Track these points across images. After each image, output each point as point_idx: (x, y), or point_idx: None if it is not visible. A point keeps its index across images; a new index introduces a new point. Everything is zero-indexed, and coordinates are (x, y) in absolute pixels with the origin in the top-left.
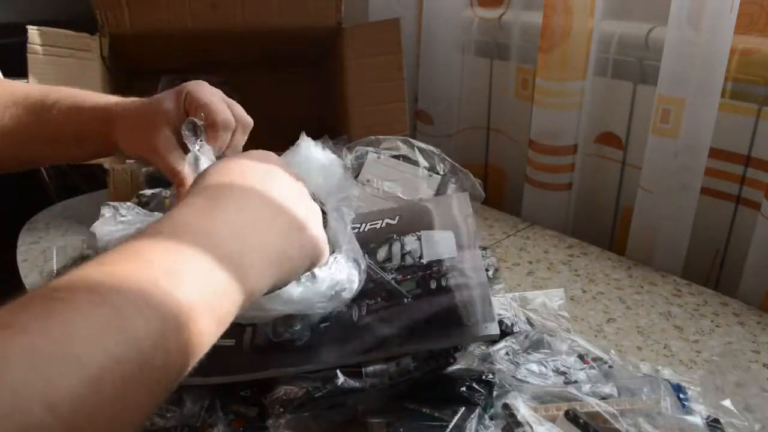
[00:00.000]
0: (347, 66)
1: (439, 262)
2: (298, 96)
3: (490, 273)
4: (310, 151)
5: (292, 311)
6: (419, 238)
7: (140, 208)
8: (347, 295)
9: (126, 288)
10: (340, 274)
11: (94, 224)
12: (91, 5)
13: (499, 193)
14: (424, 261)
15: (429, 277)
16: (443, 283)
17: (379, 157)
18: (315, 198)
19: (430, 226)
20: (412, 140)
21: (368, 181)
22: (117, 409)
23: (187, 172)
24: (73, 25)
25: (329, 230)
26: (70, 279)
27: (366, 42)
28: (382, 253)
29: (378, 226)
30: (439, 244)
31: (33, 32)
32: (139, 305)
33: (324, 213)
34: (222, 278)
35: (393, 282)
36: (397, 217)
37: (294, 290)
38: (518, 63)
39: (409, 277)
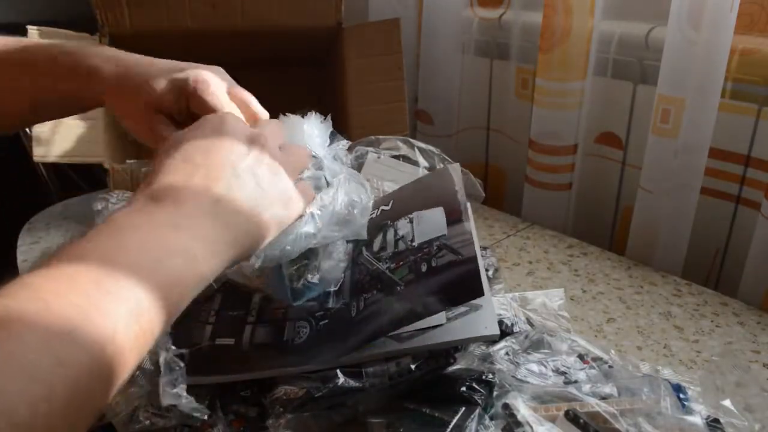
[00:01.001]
0: (347, 66)
1: (430, 242)
2: (298, 96)
3: (490, 273)
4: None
5: (313, 245)
6: (411, 221)
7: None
8: (360, 212)
9: (61, 309)
10: (347, 195)
11: (95, 222)
12: (91, 5)
13: (499, 193)
14: (416, 243)
15: (420, 260)
16: (433, 264)
17: (379, 157)
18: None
19: (422, 205)
20: (412, 140)
21: (368, 181)
22: (70, 416)
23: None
24: (73, 25)
25: (326, 170)
26: (17, 296)
27: (366, 42)
28: (377, 243)
29: (374, 215)
30: (429, 223)
31: (33, 32)
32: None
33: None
34: (155, 293)
35: (387, 271)
36: (391, 202)
37: (307, 227)
38: (518, 63)
39: (402, 263)
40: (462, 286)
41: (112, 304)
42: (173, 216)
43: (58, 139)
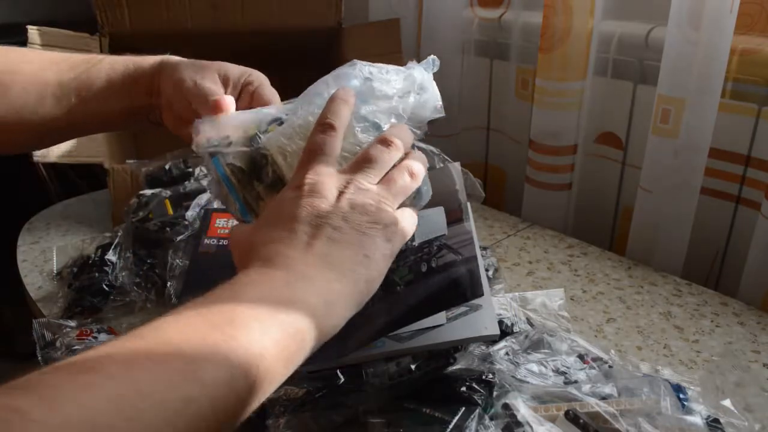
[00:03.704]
0: None
1: (430, 242)
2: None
3: (490, 273)
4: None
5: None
6: None
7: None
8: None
9: (197, 338)
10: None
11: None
12: (91, 5)
13: (499, 193)
14: (416, 243)
15: (420, 260)
16: (433, 265)
17: None
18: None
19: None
20: None
21: None
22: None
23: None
24: (73, 25)
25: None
26: (155, 326)
27: (366, 42)
28: None
29: None
30: (429, 222)
31: (33, 32)
32: (211, 353)
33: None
34: (291, 331)
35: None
36: None
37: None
38: (518, 63)
39: (401, 263)
40: (462, 286)
41: (242, 337)
42: (285, 276)
43: None
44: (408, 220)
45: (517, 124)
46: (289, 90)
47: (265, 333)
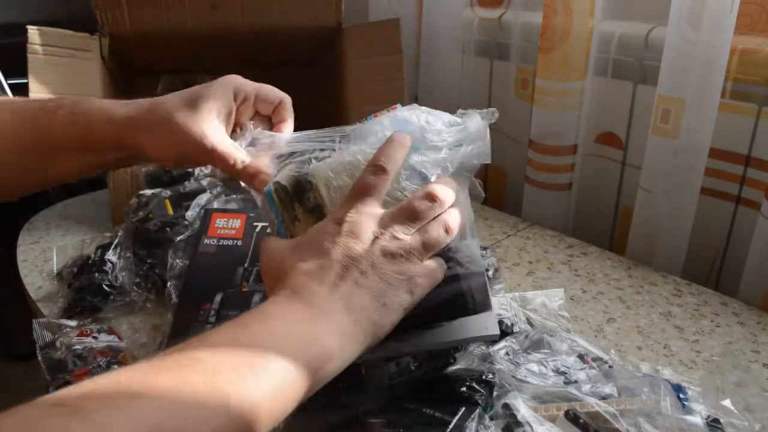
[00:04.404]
0: (347, 66)
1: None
2: (298, 96)
3: (490, 273)
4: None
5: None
6: None
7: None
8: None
9: (217, 374)
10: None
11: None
12: (91, 5)
13: (499, 193)
14: None
15: None
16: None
17: None
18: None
19: None
20: None
21: None
22: None
23: (237, 157)
24: (73, 25)
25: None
26: (186, 353)
27: (366, 42)
28: None
29: None
30: None
31: (33, 32)
32: (218, 398)
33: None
34: (292, 376)
35: None
36: None
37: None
38: (518, 63)
39: None
40: (469, 298)
41: (259, 384)
42: (309, 311)
43: None
44: (434, 272)
45: (517, 124)
46: (288, 90)
47: (278, 376)
